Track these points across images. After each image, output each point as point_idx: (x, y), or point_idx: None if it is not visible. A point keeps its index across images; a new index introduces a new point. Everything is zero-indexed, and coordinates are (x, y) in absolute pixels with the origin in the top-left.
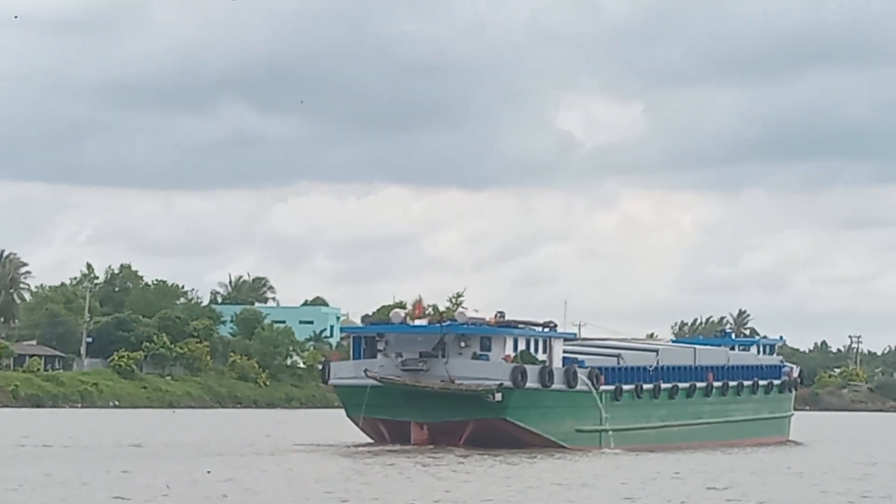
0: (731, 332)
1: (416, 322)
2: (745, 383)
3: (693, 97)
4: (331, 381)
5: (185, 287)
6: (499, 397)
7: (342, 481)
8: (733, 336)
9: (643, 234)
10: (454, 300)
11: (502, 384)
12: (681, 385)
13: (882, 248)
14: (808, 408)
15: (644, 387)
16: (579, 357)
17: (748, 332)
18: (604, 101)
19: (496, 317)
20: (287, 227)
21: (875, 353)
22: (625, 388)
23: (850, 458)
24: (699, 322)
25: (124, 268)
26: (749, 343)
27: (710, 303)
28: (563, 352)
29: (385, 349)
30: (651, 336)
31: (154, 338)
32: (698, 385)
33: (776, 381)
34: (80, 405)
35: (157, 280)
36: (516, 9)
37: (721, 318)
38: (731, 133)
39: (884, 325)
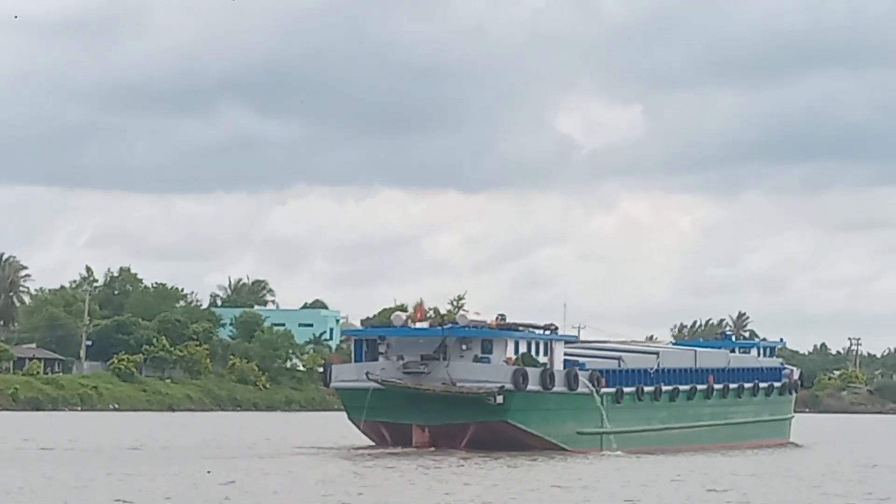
0: (730, 334)
1: (418, 325)
2: (745, 386)
3: (692, 99)
4: (332, 384)
5: (184, 290)
6: (500, 400)
7: (343, 484)
8: (733, 338)
9: (642, 236)
10: (455, 303)
11: (503, 387)
12: (681, 387)
13: (881, 250)
14: (807, 410)
15: (645, 389)
16: (580, 359)
17: (747, 335)
18: (603, 103)
19: (497, 319)
20: (286, 230)
21: (874, 356)
22: (626, 390)
23: (850, 460)
24: (698, 324)
25: (124, 271)
26: (749, 345)
27: (710, 305)
28: (564, 354)
29: (386, 352)
30: (651, 338)
31: (154, 341)
32: (699, 387)
33: (776, 384)
34: (79, 408)
35: (156, 283)
36: (516, 11)
37: (720, 320)
38: (730, 135)
39: (883, 326)
